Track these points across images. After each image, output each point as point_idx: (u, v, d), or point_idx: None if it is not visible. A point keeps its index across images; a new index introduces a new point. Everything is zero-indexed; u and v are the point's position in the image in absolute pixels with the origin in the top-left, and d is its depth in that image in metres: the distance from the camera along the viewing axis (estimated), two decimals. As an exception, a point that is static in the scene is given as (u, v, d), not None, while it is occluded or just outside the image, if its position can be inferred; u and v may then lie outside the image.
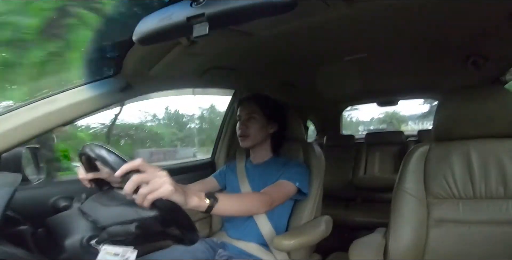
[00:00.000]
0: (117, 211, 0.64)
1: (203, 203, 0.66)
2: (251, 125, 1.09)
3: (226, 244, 1.06)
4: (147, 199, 0.54)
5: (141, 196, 0.54)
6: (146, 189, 0.54)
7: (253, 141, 1.09)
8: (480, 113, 0.89)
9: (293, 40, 0.93)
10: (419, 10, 0.76)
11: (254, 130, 1.08)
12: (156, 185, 0.55)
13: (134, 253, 0.60)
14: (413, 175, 0.95)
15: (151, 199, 0.54)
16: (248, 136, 1.08)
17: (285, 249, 0.93)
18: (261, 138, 1.11)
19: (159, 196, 0.55)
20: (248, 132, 1.08)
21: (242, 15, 0.49)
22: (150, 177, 0.55)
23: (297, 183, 0.99)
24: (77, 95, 0.79)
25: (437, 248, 0.88)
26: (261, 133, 1.10)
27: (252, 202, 0.83)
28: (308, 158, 1.17)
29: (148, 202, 0.55)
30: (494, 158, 0.88)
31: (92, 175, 0.70)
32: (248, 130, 1.08)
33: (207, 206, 0.66)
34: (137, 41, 0.59)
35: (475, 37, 1.00)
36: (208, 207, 0.67)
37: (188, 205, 0.61)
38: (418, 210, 0.91)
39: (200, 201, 0.65)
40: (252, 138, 1.09)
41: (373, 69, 1.42)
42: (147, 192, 0.54)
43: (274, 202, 0.89)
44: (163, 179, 0.56)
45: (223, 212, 0.73)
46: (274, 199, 0.89)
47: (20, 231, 0.66)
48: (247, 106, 1.12)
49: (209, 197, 0.67)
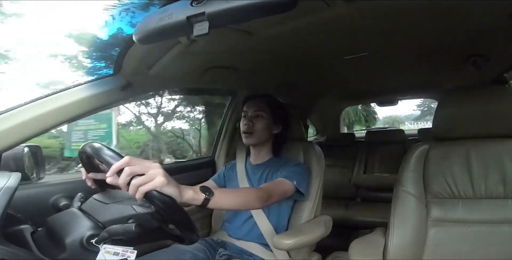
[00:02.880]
0: (114, 208, 0.65)
1: (198, 196, 0.65)
2: (258, 122, 1.08)
3: (227, 243, 1.06)
4: (139, 190, 0.54)
5: (134, 187, 0.54)
6: (138, 180, 0.54)
7: (257, 139, 1.09)
8: (480, 113, 0.89)
9: (293, 40, 0.93)
10: (419, 10, 0.76)
11: (260, 127, 1.08)
12: (149, 177, 0.54)
13: (134, 253, 0.60)
14: (413, 174, 0.95)
15: (144, 191, 0.54)
16: (252, 133, 1.08)
17: (285, 248, 0.93)
18: (265, 137, 1.10)
19: (151, 187, 0.54)
20: (253, 129, 1.07)
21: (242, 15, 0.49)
22: (143, 169, 0.55)
23: (295, 181, 0.98)
24: (77, 94, 0.79)
25: (437, 247, 0.89)
26: (266, 132, 1.09)
27: (248, 196, 0.83)
28: (308, 158, 1.17)
29: (140, 193, 0.54)
30: (494, 157, 0.88)
31: (93, 175, 0.70)
32: (254, 126, 1.08)
33: (202, 199, 0.65)
34: (137, 40, 0.59)
35: (475, 37, 1.00)
36: (203, 200, 0.65)
37: (183, 198, 0.60)
38: (417, 210, 0.92)
39: (195, 194, 0.64)
40: (257, 135, 1.08)
41: (373, 69, 1.42)
42: (140, 183, 0.54)
43: (270, 198, 0.87)
44: (156, 170, 0.55)
45: (219, 206, 0.72)
46: (271, 194, 0.88)
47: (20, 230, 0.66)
48: (256, 104, 1.11)
49: (205, 191, 0.67)
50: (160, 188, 0.55)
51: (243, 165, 1.18)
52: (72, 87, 0.80)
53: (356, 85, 1.87)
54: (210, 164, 1.51)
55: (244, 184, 1.11)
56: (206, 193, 0.66)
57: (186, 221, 0.60)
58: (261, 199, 0.84)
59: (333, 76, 1.55)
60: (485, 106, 0.88)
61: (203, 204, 0.66)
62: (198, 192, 0.65)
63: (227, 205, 0.78)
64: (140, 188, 0.54)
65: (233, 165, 1.20)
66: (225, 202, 0.74)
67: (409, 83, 1.85)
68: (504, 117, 0.87)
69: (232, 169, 1.19)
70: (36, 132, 0.72)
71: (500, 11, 0.80)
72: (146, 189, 0.54)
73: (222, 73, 1.16)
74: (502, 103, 0.87)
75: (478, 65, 1.23)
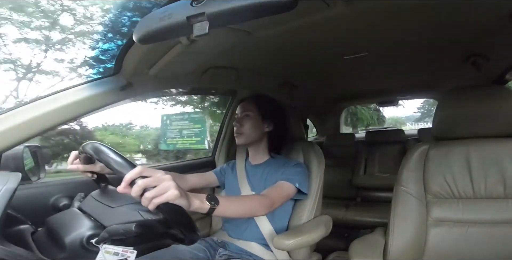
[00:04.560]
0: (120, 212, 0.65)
1: (204, 205, 0.67)
2: (245, 123, 1.10)
3: (227, 243, 1.06)
4: (153, 202, 0.55)
5: (147, 199, 0.55)
6: (152, 193, 0.55)
7: (247, 138, 1.10)
8: (480, 113, 0.89)
9: (293, 40, 0.93)
10: (419, 10, 0.76)
11: (248, 127, 1.09)
12: (162, 189, 0.56)
13: (134, 253, 0.60)
14: (413, 174, 0.95)
15: (157, 203, 0.55)
16: (242, 133, 1.09)
17: (285, 248, 0.93)
18: (255, 136, 1.11)
19: (165, 200, 0.55)
20: (241, 130, 1.09)
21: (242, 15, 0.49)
22: (156, 181, 0.56)
23: (297, 183, 0.99)
24: (77, 94, 0.79)
25: (437, 247, 0.89)
26: (255, 131, 1.10)
27: (252, 204, 0.85)
28: (308, 158, 1.17)
29: (154, 205, 0.55)
30: (494, 157, 0.88)
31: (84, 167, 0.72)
32: (242, 127, 1.09)
33: (208, 208, 0.67)
34: (137, 40, 0.59)
35: (475, 37, 1.00)
36: (209, 209, 0.68)
37: (191, 207, 0.63)
38: (417, 210, 0.92)
39: (201, 203, 0.66)
40: (246, 135, 1.09)
41: (373, 69, 1.42)
42: (153, 196, 0.55)
43: (274, 204, 0.90)
44: (169, 183, 0.57)
45: (224, 214, 0.75)
46: (275, 201, 0.90)
47: (20, 230, 0.66)
48: (244, 105, 1.13)
49: (210, 200, 0.68)
50: (173, 201, 0.57)
51: (243, 165, 1.18)
52: (72, 87, 0.80)
53: (356, 85, 1.87)
54: (210, 164, 1.51)
55: (244, 184, 1.11)
56: (211, 202, 0.68)
57: (187, 221, 0.61)
58: (265, 207, 0.86)
59: (333, 76, 1.55)
60: (485, 106, 0.88)
61: (209, 213, 0.68)
62: (204, 201, 0.67)
63: (231, 214, 0.80)
64: (153, 200, 0.55)
65: (234, 164, 1.21)
66: (229, 211, 0.76)
67: (409, 83, 1.85)
68: (504, 117, 0.87)
69: (233, 168, 1.20)
70: (36, 131, 0.72)
71: (500, 11, 0.80)
72: (159, 201, 0.55)
73: (222, 73, 1.16)
74: (502, 103, 0.87)
75: (478, 65, 1.23)
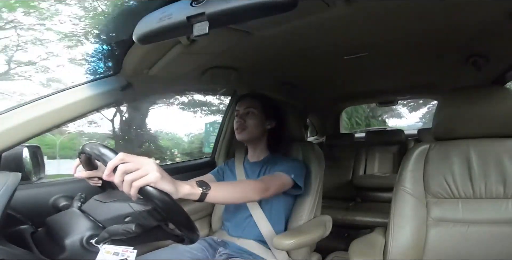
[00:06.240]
0: (112, 206, 0.65)
1: (195, 190, 0.64)
2: (249, 119, 1.09)
3: (227, 243, 1.06)
4: (133, 186, 0.53)
5: (127, 183, 0.53)
6: (131, 175, 0.53)
7: (249, 134, 1.09)
8: (480, 113, 0.89)
9: (293, 40, 0.93)
10: (419, 10, 0.76)
11: (252, 123, 1.09)
12: (142, 172, 0.54)
13: (134, 253, 0.60)
14: (413, 174, 0.95)
15: (137, 186, 0.53)
16: (244, 129, 1.09)
17: (285, 248, 0.93)
18: (258, 132, 1.11)
19: (145, 182, 0.53)
20: (245, 125, 1.09)
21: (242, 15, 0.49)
22: (137, 165, 0.54)
23: (292, 175, 0.98)
24: (77, 94, 0.79)
25: (437, 247, 0.89)
26: (258, 128, 1.10)
27: (245, 188, 0.82)
28: (307, 158, 1.17)
29: (134, 189, 0.53)
30: (494, 157, 0.88)
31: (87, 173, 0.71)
32: (246, 123, 1.09)
33: (199, 193, 0.65)
34: (137, 40, 0.59)
35: (475, 37, 1.00)
36: (201, 195, 0.65)
37: (179, 193, 0.60)
38: (417, 210, 0.92)
39: (192, 188, 0.64)
40: (249, 131, 1.09)
41: (373, 69, 1.41)
42: (133, 178, 0.53)
43: (268, 190, 0.87)
44: (150, 166, 0.55)
45: (217, 200, 0.71)
46: (268, 186, 0.87)
47: (20, 230, 0.66)
48: (246, 101, 1.13)
49: (201, 185, 0.66)
50: (154, 184, 0.54)
51: (242, 162, 1.18)
52: (72, 88, 0.80)
53: (356, 85, 1.86)
54: (210, 164, 1.51)
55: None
56: (203, 187, 0.66)
57: (186, 221, 0.60)
58: (258, 191, 0.83)
59: (333, 76, 1.55)
60: (485, 106, 0.88)
61: (200, 199, 0.66)
62: (194, 186, 0.65)
63: (224, 199, 0.77)
64: (133, 183, 0.53)
65: (233, 163, 1.21)
66: (222, 196, 0.73)
67: (409, 83, 1.85)
68: (504, 117, 0.87)
69: (231, 166, 1.20)
70: (36, 131, 0.72)
71: (500, 11, 0.80)
72: (139, 184, 0.53)
73: (222, 73, 1.16)
74: (502, 103, 0.87)
75: (478, 65, 1.23)
